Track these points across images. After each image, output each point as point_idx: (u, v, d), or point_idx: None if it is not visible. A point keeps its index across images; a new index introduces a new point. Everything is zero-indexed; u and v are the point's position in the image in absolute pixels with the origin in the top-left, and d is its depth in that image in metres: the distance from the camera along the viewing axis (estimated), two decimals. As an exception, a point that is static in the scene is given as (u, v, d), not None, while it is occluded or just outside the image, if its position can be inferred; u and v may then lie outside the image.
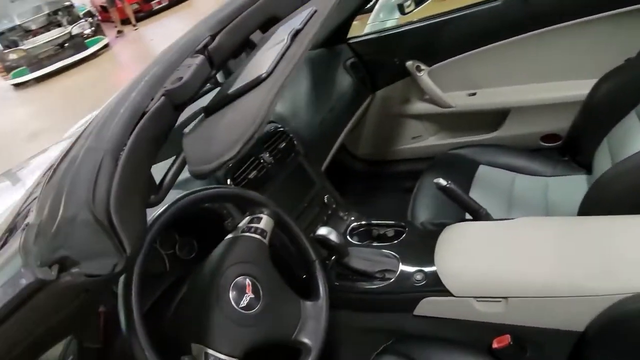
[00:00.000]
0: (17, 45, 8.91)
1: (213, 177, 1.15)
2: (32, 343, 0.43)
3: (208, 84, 0.66)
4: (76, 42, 9.06)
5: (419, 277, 1.07)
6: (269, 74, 0.46)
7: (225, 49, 0.61)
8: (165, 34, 9.10)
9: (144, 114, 0.46)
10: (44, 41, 8.93)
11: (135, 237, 0.39)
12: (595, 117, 1.38)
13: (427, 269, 1.06)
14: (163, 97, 0.48)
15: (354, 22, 1.72)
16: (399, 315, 1.10)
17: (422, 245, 1.12)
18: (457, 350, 0.98)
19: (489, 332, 0.97)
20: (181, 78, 0.50)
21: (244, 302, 0.82)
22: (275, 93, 0.43)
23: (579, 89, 1.43)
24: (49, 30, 9.16)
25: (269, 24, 0.73)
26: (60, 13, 9.35)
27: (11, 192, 1.61)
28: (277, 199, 1.20)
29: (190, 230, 1.07)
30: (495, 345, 0.94)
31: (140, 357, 0.68)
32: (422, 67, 1.66)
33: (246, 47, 0.69)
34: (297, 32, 0.53)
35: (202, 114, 0.54)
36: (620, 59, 1.34)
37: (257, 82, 0.47)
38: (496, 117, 1.66)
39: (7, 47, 8.93)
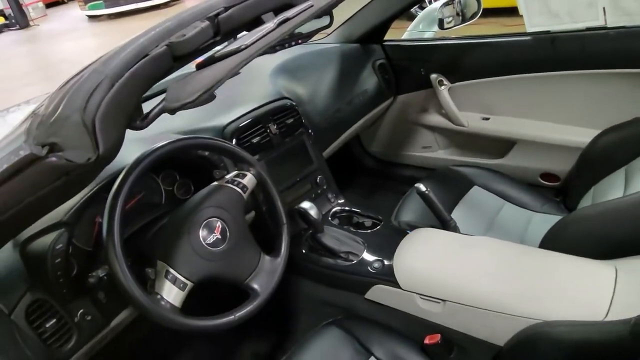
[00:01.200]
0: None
1: (221, 133, 1.28)
2: (18, 210, 0.57)
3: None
4: (153, -11, 9.43)
5: (376, 265, 1.18)
6: (246, 47, 0.58)
7: (234, 22, 0.73)
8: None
9: (146, 55, 0.59)
10: (124, -19, 9.33)
11: (110, 143, 0.51)
12: (589, 166, 1.44)
13: (385, 260, 1.17)
14: (165, 47, 0.61)
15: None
16: (352, 295, 1.21)
17: (389, 240, 1.23)
18: (394, 337, 1.08)
19: (425, 328, 1.08)
20: (184, 35, 0.63)
21: (210, 240, 0.95)
22: (237, 63, 0.54)
23: (582, 136, 1.49)
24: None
25: (284, 7, 0.85)
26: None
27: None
28: (273, 167, 1.33)
29: (190, 174, 1.21)
30: (426, 341, 1.04)
31: (112, 259, 0.82)
32: (445, 82, 1.74)
33: (257, 24, 0.81)
34: (285, 20, 0.65)
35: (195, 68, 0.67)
36: (626, 116, 1.39)
37: (235, 52, 0.59)
38: (504, 145, 1.72)
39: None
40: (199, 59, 0.72)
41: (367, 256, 1.21)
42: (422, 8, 4.53)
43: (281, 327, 1.42)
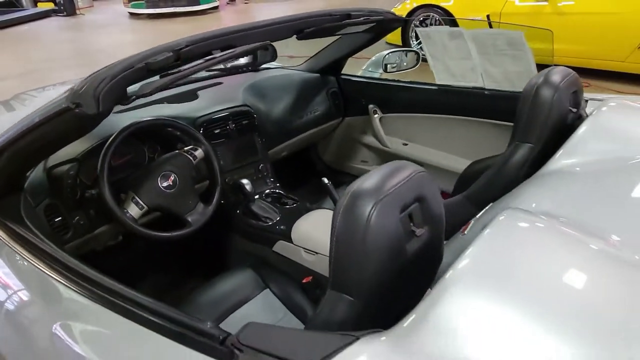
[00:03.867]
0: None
1: (194, 122, 1.82)
2: (50, 140, 1.12)
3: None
4: (192, -4, 10.16)
5: (282, 227, 1.70)
6: (180, 72, 1.13)
7: (191, 54, 1.27)
8: (270, 15, 10.03)
9: (131, 67, 1.13)
10: (167, -14, 10.08)
11: (105, 108, 1.04)
12: (461, 188, 1.93)
13: (289, 224, 1.69)
14: (144, 64, 1.15)
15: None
16: (265, 247, 1.73)
17: (297, 214, 1.74)
18: (286, 278, 1.57)
19: (305, 272, 1.58)
20: (156, 59, 1.16)
21: (164, 184, 1.48)
22: (172, 79, 1.09)
23: (462, 164, 1.99)
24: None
25: (228, 47, 1.39)
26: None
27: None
28: (226, 151, 1.87)
29: (168, 146, 1.74)
30: (303, 280, 1.55)
31: (101, 184, 1.36)
32: (378, 112, 2.27)
33: (207, 55, 1.35)
34: (211, 58, 1.19)
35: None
36: (490, 153, 1.89)
37: (175, 73, 1.14)
38: (415, 166, 2.23)
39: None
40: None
41: (278, 221, 1.74)
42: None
43: (217, 268, 1.94)
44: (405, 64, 2.36)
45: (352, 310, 0.83)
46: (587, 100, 1.53)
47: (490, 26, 5.09)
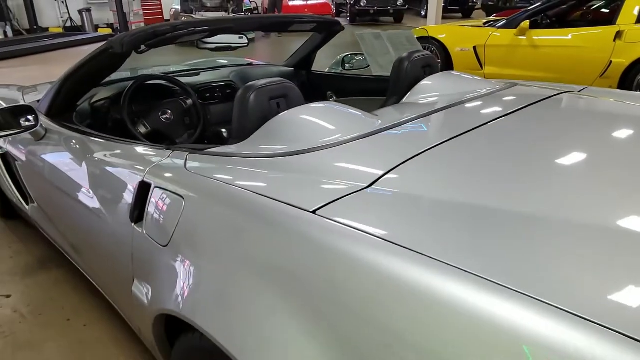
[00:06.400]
0: (191, 12, 11.40)
1: (192, 87, 2.62)
2: (94, 73, 1.93)
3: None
4: (230, 27, 11.36)
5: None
6: (176, 32, 1.92)
7: (184, 28, 2.07)
8: (296, 44, 11.07)
9: (144, 31, 1.93)
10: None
11: (126, 50, 1.83)
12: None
13: None
14: (153, 30, 1.94)
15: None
16: None
17: None
18: None
19: None
20: (160, 28, 1.96)
21: (163, 117, 2.28)
22: (172, 37, 1.88)
23: None
24: (217, 11, 11.52)
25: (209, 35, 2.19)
26: (232, 1, 11.69)
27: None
28: (212, 110, 2.66)
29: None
30: None
31: (124, 112, 2.16)
32: (334, 97, 3.02)
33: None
34: (193, 28, 1.98)
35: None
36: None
37: (175, 33, 1.93)
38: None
39: (184, 11, 11.46)
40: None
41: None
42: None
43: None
44: (359, 64, 3.12)
45: (239, 147, 1.56)
46: None
47: (477, 57, 5.81)
